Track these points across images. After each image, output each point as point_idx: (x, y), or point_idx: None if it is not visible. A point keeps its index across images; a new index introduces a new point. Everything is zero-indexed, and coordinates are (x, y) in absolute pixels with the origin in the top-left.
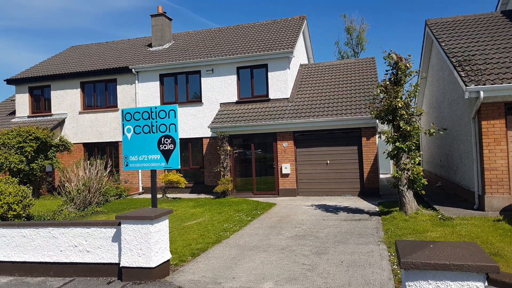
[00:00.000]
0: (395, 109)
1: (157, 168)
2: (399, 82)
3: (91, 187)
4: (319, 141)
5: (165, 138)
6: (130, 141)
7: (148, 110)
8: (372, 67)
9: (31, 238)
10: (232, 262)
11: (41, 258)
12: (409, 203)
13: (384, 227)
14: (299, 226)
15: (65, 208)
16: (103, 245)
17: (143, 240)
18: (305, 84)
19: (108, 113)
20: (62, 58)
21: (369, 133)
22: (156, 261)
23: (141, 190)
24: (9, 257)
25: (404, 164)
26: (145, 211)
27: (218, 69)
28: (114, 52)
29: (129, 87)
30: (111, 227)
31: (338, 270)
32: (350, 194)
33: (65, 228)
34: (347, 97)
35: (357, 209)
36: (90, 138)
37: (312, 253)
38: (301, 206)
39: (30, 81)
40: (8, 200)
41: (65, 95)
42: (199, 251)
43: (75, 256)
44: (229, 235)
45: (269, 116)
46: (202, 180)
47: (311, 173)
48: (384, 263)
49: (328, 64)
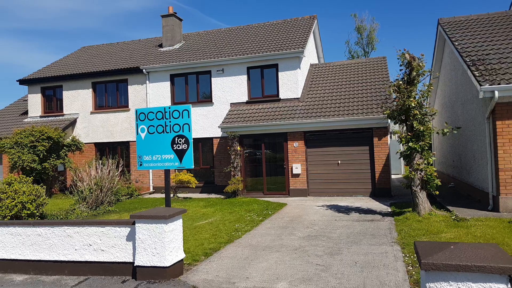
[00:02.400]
0: (408, 109)
1: (170, 168)
2: (412, 82)
3: (103, 187)
4: (330, 141)
5: (179, 138)
6: (144, 141)
7: (162, 110)
8: (384, 67)
9: (46, 237)
10: (245, 262)
11: (56, 256)
12: (422, 203)
13: (397, 228)
14: (311, 226)
15: (77, 208)
16: (118, 244)
17: (157, 239)
18: (315, 84)
19: (119, 113)
20: (74, 59)
21: (381, 133)
22: (170, 260)
23: (152, 190)
24: (24, 255)
25: (417, 164)
26: (159, 210)
27: (229, 69)
28: (125, 53)
29: (140, 87)
30: (125, 226)
31: (352, 271)
32: (361, 194)
33: (80, 227)
34: (359, 97)
35: (369, 210)
36: (101, 138)
37: (325, 253)
38: (312, 206)
39: (42, 82)
40: (22, 199)
41: (76, 95)
42: (212, 250)
43: (90, 255)
44: (241, 235)
45: (279, 116)
46: (212, 180)
47: (322, 173)
48: (399, 264)
49: (339, 64)
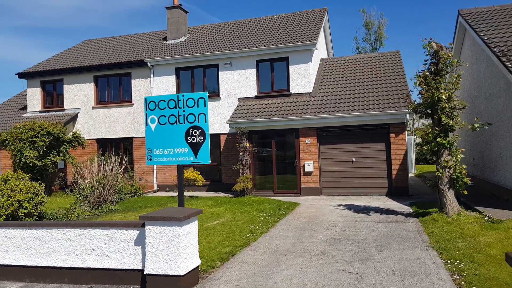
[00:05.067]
0: (436, 102)
1: (184, 163)
2: (439, 73)
3: (105, 184)
4: (344, 138)
5: (194, 129)
6: (154, 132)
7: (174, 98)
8: (398, 61)
9: (44, 240)
10: (267, 269)
11: (55, 262)
12: (451, 204)
13: (426, 230)
14: (331, 228)
15: (78, 206)
16: (125, 249)
17: (171, 244)
18: (327, 78)
19: (122, 108)
20: (75, 52)
21: (398, 130)
22: (185, 268)
23: (156, 188)
24: (19, 260)
25: (445, 161)
26: (172, 211)
27: (237, 62)
28: (128, 46)
29: (144, 81)
30: (134, 229)
31: (392, 280)
32: (377, 193)
33: (82, 229)
34: (374, 92)
35: (389, 210)
36: (104, 134)
37: (355, 259)
38: (327, 206)
39: (42, 75)
40: (19, 197)
41: (78, 89)
42: (228, 255)
43: (93, 261)
44: (257, 237)
45: (290, 112)
46: (219, 178)
47: (336, 171)
48: (442, 272)
49: (350, 58)
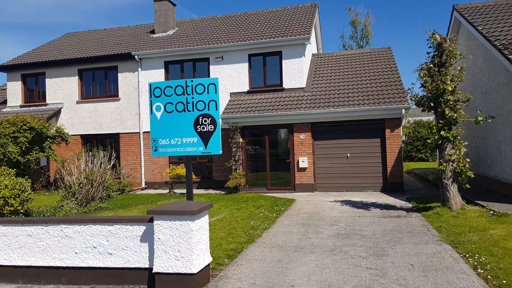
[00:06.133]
0: (440, 95)
1: (193, 153)
2: (444, 65)
3: (94, 181)
4: (338, 133)
5: (203, 117)
6: (159, 121)
7: (182, 84)
8: (390, 57)
9: (39, 238)
10: (280, 266)
11: (51, 262)
12: (454, 198)
13: (432, 224)
14: (335, 224)
15: (66, 204)
16: (130, 246)
17: (182, 240)
18: (320, 74)
19: (109, 103)
20: (58, 45)
21: (394, 125)
22: (197, 265)
23: (144, 185)
24: (11, 260)
25: (449, 155)
26: (181, 204)
27: (228, 56)
28: (114, 39)
29: (131, 75)
30: (140, 224)
31: (415, 276)
32: (371, 189)
33: (82, 225)
34: (368, 87)
35: (387, 205)
36: (89, 129)
37: (369, 254)
38: (324, 202)
39: (23, 68)
40: (4, 193)
41: (61, 83)
42: (234, 252)
43: (94, 260)
44: (260, 233)
45: (284, 107)
46: (209, 175)
47: (330, 167)
48: (464, 267)
49: (342, 54)
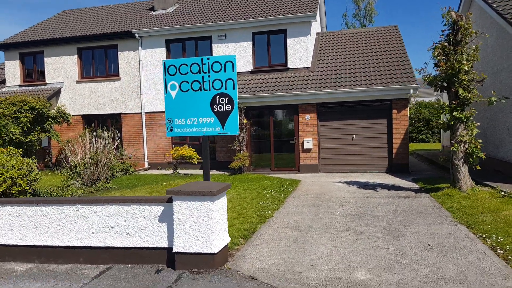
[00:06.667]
0: (455, 74)
1: (210, 134)
2: (459, 43)
3: (99, 161)
4: (344, 114)
5: (221, 97)
6: (175, 100)
7: (198, 62)
8: (397, 36)
9: (54, 218)
10: (297, 246)
11: (68, 241)
12: (464, 179)
13: (444, 205)
14: (345, 204)
15: (72, 184)
16: (148, 226)
17: (202, 220)
18: (325, 53)
19: (109, 82)
20: (55, 23)
21: (401, 105)
22: (218, 245)
23: (147, 166)
24: (27, 240)
25: (461, 136)
26: (200, 185)
27: (231, 35)
28: (113, 16)
29: (131, 54)
30: (158, 205)
31: (434, 256)
32: (376, 170)
33: (98, 205)
34: (374, 67)
35: (395, 186)
36: (90, 109)
37: (384, 235)
38: (330, 182)
39: (20, 47)
40: (12, 174)
41: (60, 62)
42: (248, 232)
43: (112, 239)
44: (271, 214)
45: (289, 87)
46: (213, 156)
47: (335, 148)
48: (482, 247)
49: (347, 33)
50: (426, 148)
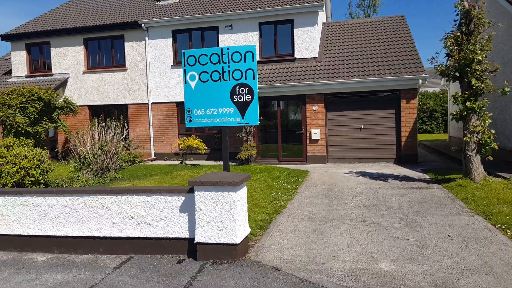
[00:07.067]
0: (468, 64)
1: (230, 124)
2: (472, 33)
3: (108, 152)
4: (352, 104)
5: (240, 87)
6: (194, 91)
7: (218, 52)
8: (403, 26)
9: (74, 208)
10: (316, 237)
11: (88, 232)
12: (477, 169)
13: (457, 196)
14: (357, 195)
15: (82, 174)
16: (168, 216)
17: (224, 210)
18: (331, 43)
19: (116, 73)
20: (61, 13)
21: (409, 96)
22: (240, 236)
23: (154, 157)
24: (46, 230)
25: (473, 126)
26: (222, 175)
27: (238, 25)
28: (118, 7)
29: (138, 44)
30: (179, 195)
31: (456, 247)
32: (384, 161)
33: (119, 196)
34: (382, 57)
35: (405, 177)
36: (96, 100)
37: (402, 225)
38: (339, 173)
39: (27, 37)
40: (24, 164)
41: (66, 52)
42: (265, 222)
43: (132, 230)
44: (284, 204)
45: (296, 77)
46: (220, 146)
47: (343, 138)
48: (502, 238)
49: (354, 23)
50: (432, 138)
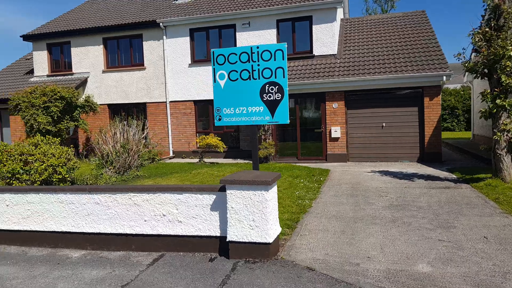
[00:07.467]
0: (497, 61)
1: (259, 123)
2: (501, 29)
3: (130, 150)
4: (373, 102)
5: (270, 85)
6: (223, 90)
7: (247, 51)
8: (425, 21)
9: (107, 206)
10: (347, 237)
11: (120, 229)
12: (507, 169)
13: (488, 196)
14: (383, 195)
15: (104, 172)
16: (200, 215)
17: (257, 209)
18: (351, 39)
19: (134, 72)
20: (80, 13)
21: (433, 93)
22: (272, 235)
23: (172, 155)
24: (79, 227)
25: (504, 124)
26: (253, 174)
27: (255, 22)
28: (136, 6)
29: (156, 43)
30: (210, 193)
31: (494, 249)
32: (407, 160)
33: (150, 193)
34: (404, 53)
35: (430, 176)
36: (116, 99)
37: (435, 226)
38: (361, 172)
39: (48, 37)
40: (52, 162)
41: (86, 52)
42: (292, 222)
43: (164, 227)
44: (309, 203)
45: (316, 74)
46: (237, 144)
47: (364, 137)
48: None
49: (373, 18)
50: (454, 136)
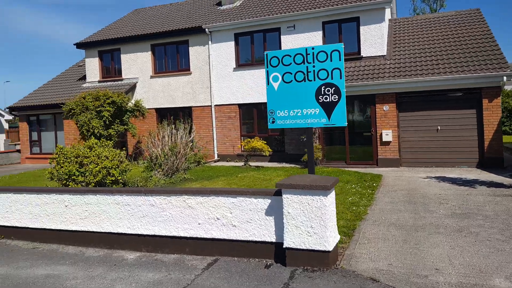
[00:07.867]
0: None
1: (315, 125)
2: None
3: (178, 153)
4: (427, 104)
5: (326, 87)
6: (277, 92)
7: (302, 52)
8: (480, 20)
9: (161, 208)
10: (409, 247)
11: (174, 231)
12: None
13: None
14: (444, 202)
15: (154, 175)
16: (254, 219)
17: (315, 215)
18: (400, 40)
19: (180, 77)
20: (129, 22)
21: (492, 94)
22: (331, 243)
23: (217, 158)
24: (135, 229)
25: None
26: (310, 178)
27: (301, 25)
28: (182, 13)
29: (201, 48)
30: (265, 197)
31: None
32: (465, 165)
33: (204, 196)
34: (459, 53)
35: (493, 183)
36: (163, 103)
37: (507, 237)
38: (416, 178)
39: (99, 45)
40: (106, 164)
41: (135, 58)
42: (348, 229)
43: (217, 231)
44: (364, 210)
45: (364, 76)
46: (282, 148)
47: (417, 141)
48: None
49: (423, 18)
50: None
